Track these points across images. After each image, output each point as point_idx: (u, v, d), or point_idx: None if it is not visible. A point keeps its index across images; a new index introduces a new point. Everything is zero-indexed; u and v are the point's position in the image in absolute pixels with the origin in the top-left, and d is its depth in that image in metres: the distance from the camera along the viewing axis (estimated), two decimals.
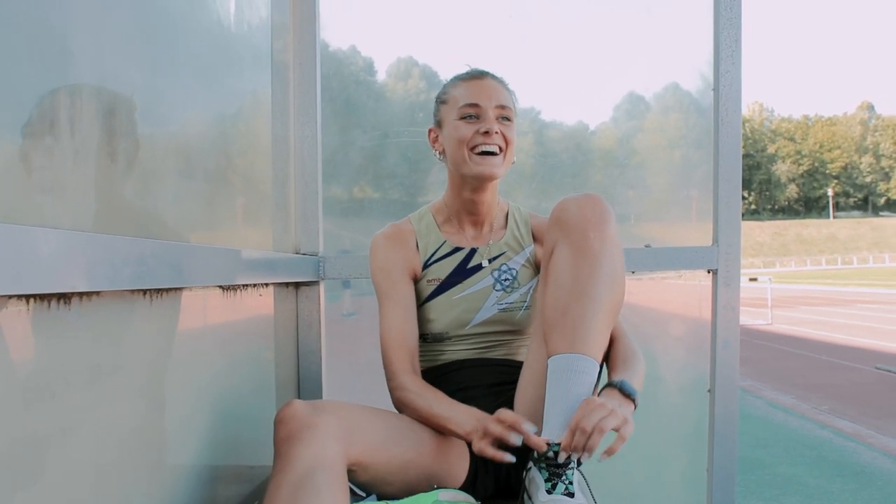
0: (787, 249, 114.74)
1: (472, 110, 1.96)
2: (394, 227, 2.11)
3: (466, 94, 1.97)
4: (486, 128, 1.93)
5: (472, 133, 1.94)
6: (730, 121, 2.32)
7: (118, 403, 1.18)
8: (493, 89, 1.97)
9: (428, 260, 2.06)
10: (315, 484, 1.37)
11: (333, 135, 2.72)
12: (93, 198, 1.13)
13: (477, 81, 1.99)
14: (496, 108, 1.95)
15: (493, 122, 1.94)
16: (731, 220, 2.33)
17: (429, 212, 2.13)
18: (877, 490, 5.01)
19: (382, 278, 2.03)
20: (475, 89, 1.98)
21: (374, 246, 2.07)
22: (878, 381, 9.44)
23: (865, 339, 14.12)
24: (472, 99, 1.96)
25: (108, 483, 1.14)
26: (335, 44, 2.76)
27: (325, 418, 1.50)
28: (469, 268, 2.05)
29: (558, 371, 1.61)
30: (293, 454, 1.42)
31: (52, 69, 1.02)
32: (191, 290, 1.49)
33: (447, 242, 2.07)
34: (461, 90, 1.99)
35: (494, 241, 2.09)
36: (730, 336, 2.34)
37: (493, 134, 1.93)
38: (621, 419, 1.53)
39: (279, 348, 2.28)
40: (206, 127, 1.74)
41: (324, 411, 1.52)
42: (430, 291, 2.04)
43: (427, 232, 2.09)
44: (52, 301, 0.95)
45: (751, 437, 6.51)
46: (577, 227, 1.66)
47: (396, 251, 2.05)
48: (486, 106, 1.95)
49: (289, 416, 1.50)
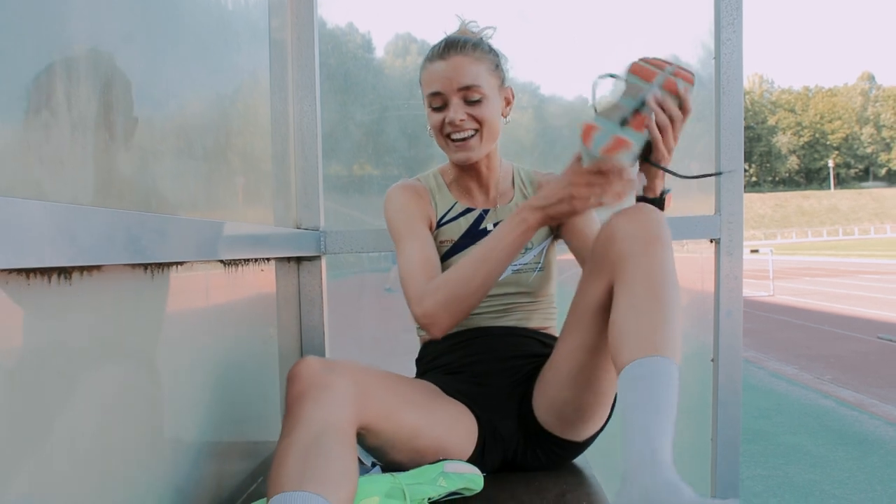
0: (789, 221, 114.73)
1: (436, 100, 1.92)
2: (408, 182, 2.09)
3: (429, 82, 1.92)
4: (450, 118, 1.89)
5: (440, 122, 1.92)
6: (731, 89, 2.31)
7: (120, 378, 1.18)
8: (454, 70, 1.88)
9: (441, 220, 2.05)
10: (325, 448, 1.35)
11: (332, 111, 2.71)
12: (91, 172, 1.12)
13: (438, 63, 1.91)
14: (459, 91, 1.89)
15: (459, 108, 1.89)
16: (733, 189, 2.33)
17: (438, 173, 2.13)
18: (879, 458, 5.03)
19: (402, 220, 1.98)
20: (436, 74, 1.90)
21: (390, 195, 2.04)
22: (880, 351, 9.45)
23: (867, 309, 14.12)
24: (433, 87, 1.91)
25: (109, 458, 1.14)
26: (333, 21, 2.74)
27: (339, 380, 1.47)
28: (480, 230, 2.03)
29: (646, 377, 1.42)
30: (304, 415, 1.40)
31: (50, 44, 1.01)
32: (192, 264, 1.49)
33: (458, 203, 2.07)
34: (426, 75, 1.94)
35: (502, 204, 2.07)
36: (733, 305, 2.34)
37: (457, 122, 1.89)
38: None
39: (281, 323, 2.28)
40: (205, 104, 1.73)
41: (338, 372, 1.49)
42: (443, 253, 2.01)
43: (438, 191, 2.09)
44: (52, 275, 0.94)
45: (753, 408, 6.52)
46: (644, 238, 1.56)
47: (415, 199, 2.03)
48: (448, 92, 1.89)
49: (303, 374, 1.47)
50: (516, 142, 2.07)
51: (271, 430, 2.10)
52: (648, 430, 1.34)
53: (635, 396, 1.40)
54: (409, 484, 1.57)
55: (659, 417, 1.36)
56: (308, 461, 1.32)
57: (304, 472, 1.29)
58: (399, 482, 1.57)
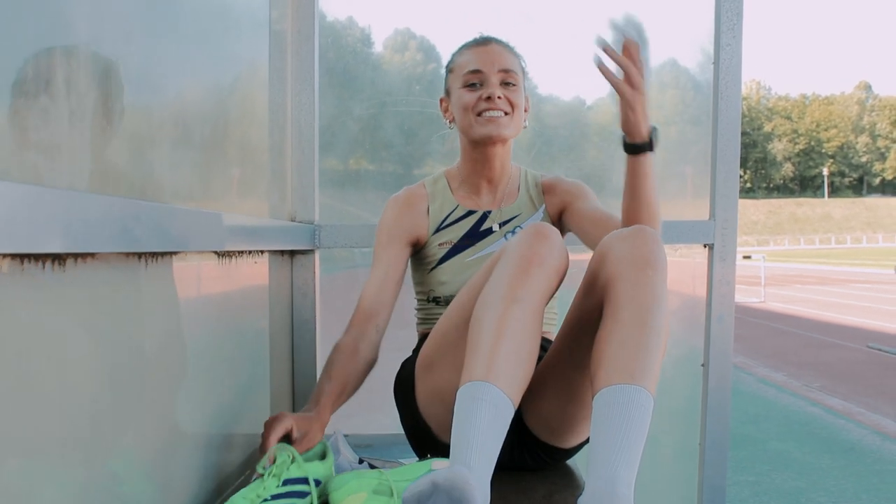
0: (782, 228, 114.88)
1: (474, 77, 1.98)
2: (407, 191, 2.14)
3: (469, 62, 2.00)
4: (489, 93, 1.95)
5: (475, 100, 1.97)
6: (729, 94, 2.31)
7: (111, 365, 1.17)
8: (496, 54, 1.99)
9: (441, 224, 2.08)
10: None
11: (330, 105, 2.71)
12: (88, 159, 1.12)
13: (480, 48, 2.02)
14: (499, 72, 1.97)
15: (496, 87, 1.96)
16: (729, 195, 2.33)
17: (443, 176, 2.16)
18: (865, 467, 5.05)
19: (380, 239, 2.08)
20: (478, 56, 2.00)
21: (387, 205, 2.12)
22: (869, 360, 9.49)
23: (858, 317, 14.17)
24: (474, 66, 1.99)
25: (98, 446, 1.14)
26: (332, 14, 2.74)
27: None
28: (482, 230, 2.06)
29: (618, 403, 1.40)
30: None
31: (49, 30, 1.01)
32: (186, 254, 1.48)
33: (460, 206, 2.10)
34: (465, 57, 2.02)
35: (507, 204, 2.10)
36: (724, 311, 2.34)
37: (495, 99, 1.95)
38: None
39: (274, 316, 2.28)
40: (203, 93, 1.73)
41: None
42: (442, 254, 2.06)
43: (441, 195, 2.12)
44: (46, 262, 0.94)
45: (742, 414, 6.55)
46: (635, 262, 1.53)
47: (401, 216, 2.08)
48: (488, 71, 1.97)
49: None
50: (515, 141, 2.08)
51: (260, 423, 2.10)
52: (612, 459, 1.34)
53: (604, 423, 1.39)
54: (396, 480, 1.57)
55: (624, 447, 1.35)
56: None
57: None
58: (386, 478, 1.57)
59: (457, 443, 1.40)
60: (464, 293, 1.74)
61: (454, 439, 1.42)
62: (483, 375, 1.45)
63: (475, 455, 1.37)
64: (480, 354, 1.48)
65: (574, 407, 1.74)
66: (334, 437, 1.88)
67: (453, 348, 1.68)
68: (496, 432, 1.42)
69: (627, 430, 1.37)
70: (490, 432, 1.41)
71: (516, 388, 1.48)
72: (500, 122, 1.97)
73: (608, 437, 1.37)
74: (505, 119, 1.97)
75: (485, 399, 1.42)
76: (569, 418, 1.77)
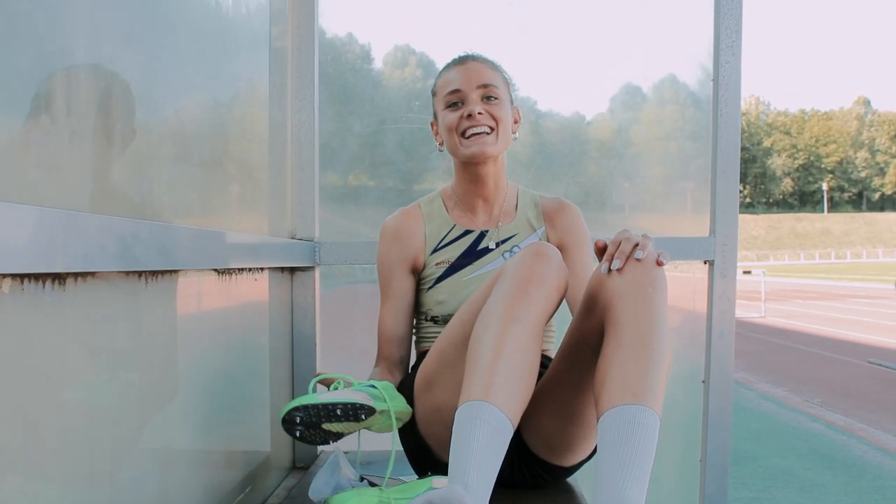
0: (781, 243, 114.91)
1: (455, 97, 1.99)
2: (402, 213, 2.14)
3: (448, 82, 2.01)
4: (469, 110, 1.95)
5: (458, 119, 1.98)
6: (729, 111, 2.32)
7: (112, 384, 1.17)
8: (474, 71, 2.00)
9: (438, 244, 2.08)
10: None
11: (330, 121, 2.71)
12: (89, 179, 1.12)
13: (459, 67, 2.02)
14: (478, 88, 1.98)
15: (477, 103, 1.96)
16: (729, 211, 2.33)
17: (439, 196, 2.16)
18: (867, 483, 5.03)
19: (382, 272, 2.11)
20: (456, 75, 2.01)
21: (381, 234, 2.13)
22: (870, 376, 9.48)
23: (858, 333, 14.16)
24: (453, 86, 2.00)
25: (98, 463, 1.13)
26: (332, 31, 2.75)
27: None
28: (479, 250, 2.06)
29: (624, 424, 1.40)
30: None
31: (49, 51, 1.02)
32: (186, 273, 1.48)
33: (457, 226, 2.09)
34: (444, 79, 2.04)
35: (504, 223, 2.10)
36: (725, 327, 2.34)
37: (476, 115, 1.95)
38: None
39: (274, 333, 2.28)
40: (202, 111, 1.73)
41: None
42: (439, 273, 2.05)
43: (437, 216, 2.12)
44: (46, 281, 0.94)
45: (743, 430, 6.53)
46: (636, 282, 1.53)
47: (398, 244, 2.09)
48: (467, 89, 1.98)
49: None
50: (513, 157, 2.09)
51: (260, 440, 2.09)
52: (620, 480, 1.33)
53: (612, 444, 1.38)
54: (396, 498, 1.57)
55: (632, 468, 1.35)
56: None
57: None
58: (387, 496, 1.57)
59: (455, 462, 1.40)
60: (463, 312, 1.74)
61: (452, 459, 1.41)
62: (482, 395, 1.44)
63: (473, 474, 1.36)
64: (479, 374, 1.47)
65: (574, 426, 1.74)
66: (334, 454, 1.87)
67: (452, 367, 1.68)
68: (495, 452, 1.41)
69: (635, 451, 1.36)
70: (488, 452, 1.40)
71: (515, 408, 1.48)
72: (485, 140, 1.96)
73: (616, 458, 1.36)
74: (490, 136, 1.97)
75: (483, 419, 1.41)
76: (569, 437, 1.77)
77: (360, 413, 1.59)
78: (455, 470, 1.39)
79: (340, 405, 1.59)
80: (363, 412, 1.60)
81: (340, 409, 1.59)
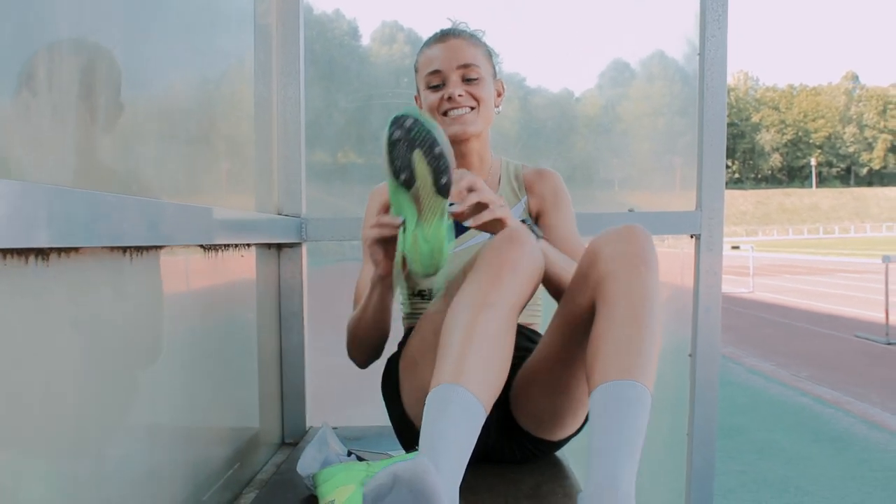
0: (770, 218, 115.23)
1: (435, 78, 1.98)
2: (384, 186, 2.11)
3: (430, 61, 1.99)
4: (449, 93, 1.94)
5: (438, 100, 1.97)
6: (715, 85, 2.31)
7: (98, 361, 1.17)
8: (454, 50, 1.97)
9: None
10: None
11: (316, 98, 2.70)
12: (72, 154, 1.11)
13: (439, 45, 2.00)
14: (459, 68, 1.96)
15: (457, 84, 1.95)
16: (715, 185, 2.34)
17: None
18: (853, 455, 5.08)
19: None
20: (436, 54, 1.99)
21: (369, 197, 2.16)
22: (857, 350, 9.54)
23: (846, 307, 14.24)
24: (432, 66, 1.98)
25: (83, 441, 1.13)
26: (319, 7, 2.74)
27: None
28: (464, 224, 2.05)
29: (616, 399, 1.40)
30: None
31: (31, 25, 1.01)
32: (171, 248, 1.48)
33: None
34: (426, 56, 2.02)
35: None
36: (712, 301, 2.35)
37: (456, 97, 1.94)
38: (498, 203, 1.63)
39: (261, 310, 2.28)
40: (188, 87, 1.72)
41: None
42: None
43: None
44: (29, 256, 0.94)
45: (730, 403, 6.57)
46: (628, 260, 1.52)
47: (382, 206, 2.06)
48: (447, 70, 1.96)
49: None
50: (501, 133, 2.08)
51: (249, 416, 2.10)
52: (612, 455, 1.33)
53: (603, 419, 1.38)
54: None
55: (625, 443, 1.34)
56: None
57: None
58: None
59: (424, 445, 1.36)
60: (443, 297, 1.74)
61: (422, 441, 1.38)
62: (453, 378, 1.42)
63: (443, 457, 1.33)
64: (450, 358, 1.46)
65: (563, 400, 1.74)
66: (322, 430, 1.88)
67: (433, 351, 1.68)
68: (466, 435, 1.39)
69: (627, 426, 1.36)
70: (460, 434, 1.37)
71: (488, 393, 1.45)
72: (465, 119, 1.96)
73: (608, 434, 1.35)
74: (471, 115, 1.96)
75: (454, 401, 1.39)
76: (558, 411, 1.77)
77: (442, 174, 1.58)
78: (426, 452, 1.35)
79: (445, 146, 1.57)
80: (444, 176, 1.58)
81: (441, 149, 1.56)
